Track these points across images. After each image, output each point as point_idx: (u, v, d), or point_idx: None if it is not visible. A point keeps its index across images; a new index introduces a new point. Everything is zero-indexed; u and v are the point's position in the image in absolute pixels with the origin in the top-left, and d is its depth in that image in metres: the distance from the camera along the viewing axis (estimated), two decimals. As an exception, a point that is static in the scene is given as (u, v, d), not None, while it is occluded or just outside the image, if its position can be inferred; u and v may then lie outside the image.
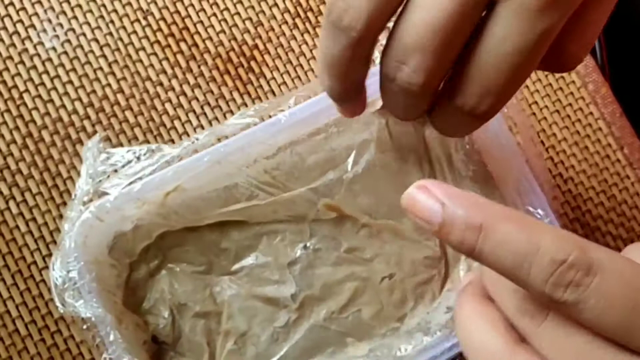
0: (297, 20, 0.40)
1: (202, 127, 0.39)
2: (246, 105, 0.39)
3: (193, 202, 0.35)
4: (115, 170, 0.33)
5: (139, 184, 0.32)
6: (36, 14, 0.39)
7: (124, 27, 0.39)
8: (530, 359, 0.21)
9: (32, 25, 0.39)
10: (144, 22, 0.39)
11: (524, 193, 0.35)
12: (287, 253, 0.35)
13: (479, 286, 0.24)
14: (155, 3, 0.40)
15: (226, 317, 0.34)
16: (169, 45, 0.39)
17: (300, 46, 0.40)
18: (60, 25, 0.39)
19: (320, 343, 0.35)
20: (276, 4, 0.41)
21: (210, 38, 0.40)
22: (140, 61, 0.39)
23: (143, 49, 0.39)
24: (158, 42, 0.39)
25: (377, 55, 0.25)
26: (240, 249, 0.35)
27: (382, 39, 0.24)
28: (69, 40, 0.39)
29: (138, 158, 0.33)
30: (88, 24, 0.39)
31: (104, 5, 0.39)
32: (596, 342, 0.20)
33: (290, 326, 0.35)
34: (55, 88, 0.38)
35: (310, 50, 0.40)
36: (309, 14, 0.41)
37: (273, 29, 0.40)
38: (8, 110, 0.38)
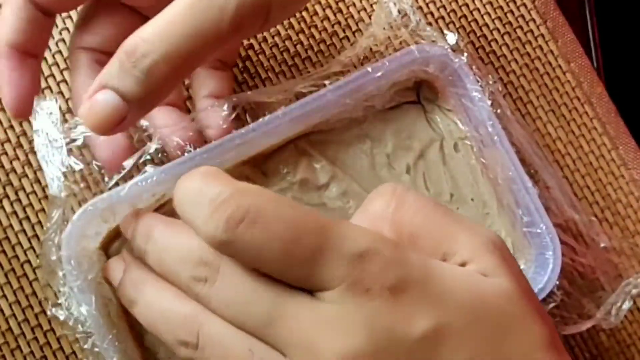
0: (292, 20, 0.40)
1: (197, 127, 0.39)
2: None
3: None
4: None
5: (128, 186, 0.32)
6: (31, 13, 0.39)
7: (118, 27, 0.39)
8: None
9: (27, 25, 0.39)
10: (138, 22, 0.40)
11: (517, 191, 0.35)
12: None
13: None
14: (150, 2, 0.40)
15: None
16: (163, 45, 0.40)
17: (295, 46, 0.40)
18: (55, 24, 0.39)
19: None
20: (271, 4, 0.41)
21: (205, 37, 0.40)
22: (135, 60, 0.39)
23: (137, 48, 0.39)
24: (152, 41, 0.39)
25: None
26: None
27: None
28: (63, 40, 0.39)
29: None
30: (83, 23, 0.39)
31: (98, 5, 0.39)
32: (261, 286, 0.22)
33: None
34: (49, 87, 0.38)
35: (306, 50, 0.40)
36: (304, 14, 0.41)
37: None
38: (2, 109, 0.38)
